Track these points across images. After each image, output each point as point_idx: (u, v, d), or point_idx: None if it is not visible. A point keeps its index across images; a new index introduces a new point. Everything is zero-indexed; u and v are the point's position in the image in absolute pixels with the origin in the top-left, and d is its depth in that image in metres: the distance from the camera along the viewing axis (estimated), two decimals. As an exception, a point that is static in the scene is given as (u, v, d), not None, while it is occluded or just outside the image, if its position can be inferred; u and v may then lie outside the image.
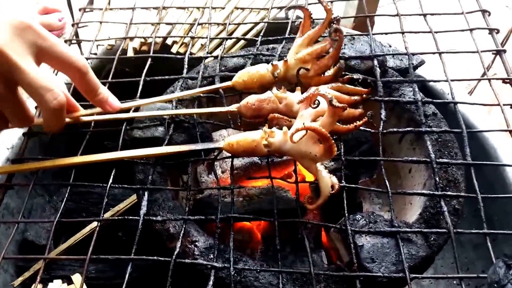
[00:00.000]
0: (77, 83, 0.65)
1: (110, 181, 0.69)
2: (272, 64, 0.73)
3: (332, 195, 0.60)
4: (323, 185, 0.59)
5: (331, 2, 0.95)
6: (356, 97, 0.70)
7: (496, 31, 0.84)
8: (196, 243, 0.66)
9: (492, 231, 0.62)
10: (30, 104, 0.64)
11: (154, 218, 0.67)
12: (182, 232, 0.65)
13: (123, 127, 0.75)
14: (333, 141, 0.57)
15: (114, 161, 0.70)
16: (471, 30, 0.84)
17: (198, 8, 1.03)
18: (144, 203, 0.68)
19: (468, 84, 1.36)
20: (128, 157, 0.69)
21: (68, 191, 0.70)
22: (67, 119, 0.68)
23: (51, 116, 0.60)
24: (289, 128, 0.62)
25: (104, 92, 0.69)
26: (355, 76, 0.75)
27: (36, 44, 0.58)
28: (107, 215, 0.91)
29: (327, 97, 0.56)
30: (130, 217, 0.67)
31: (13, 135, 0.93)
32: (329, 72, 0.72)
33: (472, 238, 0.94)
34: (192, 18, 1.03)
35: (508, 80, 0.76)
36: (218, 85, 0.79)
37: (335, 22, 0.70)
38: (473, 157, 0.70)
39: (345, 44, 0.86)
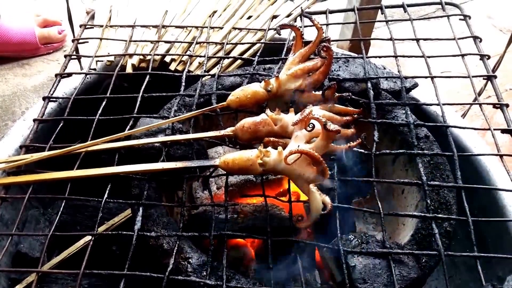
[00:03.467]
0: None
1: (106, 195, 0.70)
2: (264, 80, 0.74)
3: (325, 215, 0.61)
4: (314, 206, 0.60)
5: (327, 25, 0.97)
6: (347, 117, 0.71)
7: (487, 57, 0.86)
8: (190, 260, 0.66)
9: (482, 254, 0.62)
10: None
11: (148, 233, 0.67)
12: (176, 248, 0.65)
13: (120, 146, 0.76)
14: (325, 164, 0.58)
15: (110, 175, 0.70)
16: (463, 55, 0.86)
17: (196, 27, 1.05)
18: (139, 218, 0.68)
19: (463, 106, 1.38)
20: (124, 173, 0.70)
21: (63, 204, 0.70)
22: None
23: None
24: (283, 148, 0.64)
25: None
26: (345, 94, 0.77)
27: None
28: (101, 229, 0.91)
29: (321, 120, 0.57)
30: (124, 232, 0.67)
31: (10, 147, 0.93)
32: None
33: (466, 260, 0.95)
34: (191, 37, 1.04)
35: (498, 105, 0.78)
36: (213, 106, 0.80)
37: (326, 41, 0.72)
38: (466, 179, 0.71)
39: (339, 67, 0.88)
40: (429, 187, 0.70)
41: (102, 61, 1.04)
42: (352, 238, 0.67)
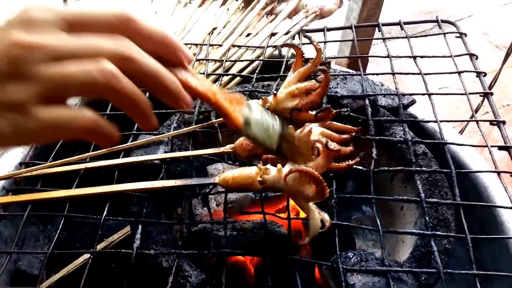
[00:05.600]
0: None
1: (105, 213, 0.70)
2: (261, 98, 0.75)
3: (324, 232, 0.61)
4: (313, 224, 0.60)
5: (325, 43, 0.98)
6: (346, 136, 0.72)
7: (483, 74, 0.87)
8: (189, 278, 0.66)
9: (481, 272, 0.62)
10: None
11: (147, 251, 0.67)
12: (175, 266, 0.65)
13: (119, 163, 0.77)
14: (325, 183, 0.58)
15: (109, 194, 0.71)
16: (459, 72, 0.87)
17: (196, 44, 1.06)
18: (138, 236, 0.68)
19: (461, 122, 1.39)
20: (123, 191, 0.70)
21: (62, 221, 0.70)
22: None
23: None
24: (282, 165, 0.64)
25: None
26: (343, 110, 0.77)
27: None
28: (100, 246, 0.91)
29: (322, 141, 0.58)
30: (123, 250, 0.67)
31: (9, 164, 0.93)
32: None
33: (466, 277, 0.94)
34: (190, 54, 1.05)
35: (495, 122, 0.79)
36: (212, 121, 0.81)
37: (325, 64, 0.73)
38: (465, 195, 0.71)
39: (337, 84, 0.89)
40: (428, 204, 0.71)
41: (102, 78, 1.05)
42: (351, 256, 0.67)
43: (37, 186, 0.75)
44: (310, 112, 0.74)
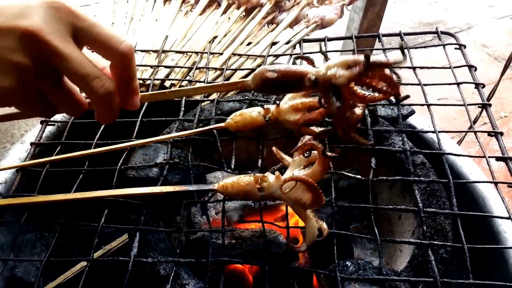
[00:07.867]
0: (118, 70, 0.53)
1: (102, 220, 0.70)
2: (264, 107, 0.75)
3: (321, 240, 0.61)
4: (309, 232, 0.61)
5: (325, 52, 0.98)
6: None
7: (481, 85, 0.87)
8: (186, 286, 0.66)
9: (477, 281, 0.62)
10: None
11: (144, 259, 0.67)
12: (173, 274, 0.65)
13: (118, 167, 0.77)
14: (321, 190, 0.58)
15: (107, 199, 0.70)
16: (458, 84, 0.88)
17: (196, 53, 1.06)
18: (135, 244, 0.68)
19: (460, 132, 1.39)
20: (122, 195, 0.70)
21: (59, 229, 0.70)
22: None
23: (101, 105, 0.53)
24: (281, 173, 0.64)
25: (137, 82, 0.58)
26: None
27: (73, 24, 0.48)
28: (97, 253, 0.91)
29: (319, 147, 0.58)
30: (121, 258, 0.67)
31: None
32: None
33: (463, 285, 0.94)
34: (191, 62, 1.06)
35: (493, 133, 0.79)
36: (211, 126, 0.81)
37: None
38: (462, 205, 0.71)
39: (337, 93, 0.89)
40: (426, 213, 0.71)
41: (102, 85, 1.05)
42: (349, 265, 0.67)
43: (34, 193, 0.75)
44: (310, 128, 0.75)
